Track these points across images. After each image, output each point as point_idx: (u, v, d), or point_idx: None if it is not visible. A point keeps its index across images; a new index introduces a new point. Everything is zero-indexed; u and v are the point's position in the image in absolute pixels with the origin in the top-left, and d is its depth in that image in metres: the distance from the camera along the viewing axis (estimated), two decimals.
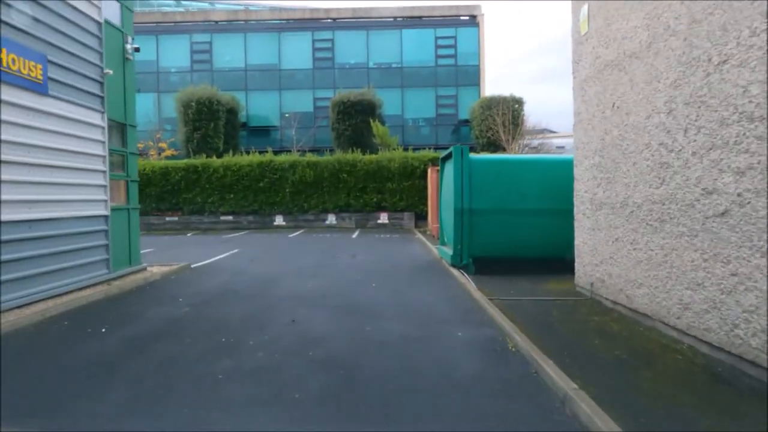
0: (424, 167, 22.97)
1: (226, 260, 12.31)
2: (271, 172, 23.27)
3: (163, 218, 23.76)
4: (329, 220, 23.65)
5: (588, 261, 7.93)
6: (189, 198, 23.45)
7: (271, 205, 23.44)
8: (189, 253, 13.92)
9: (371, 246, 15.96)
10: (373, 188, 23.16)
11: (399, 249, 15.23)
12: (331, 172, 23.19)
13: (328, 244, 16.53)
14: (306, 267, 11.10)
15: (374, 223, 23.55)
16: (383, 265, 11.47)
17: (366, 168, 23.06)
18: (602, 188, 7.40)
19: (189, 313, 6.96)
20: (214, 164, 23.39)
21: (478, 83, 33.27)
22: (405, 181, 23.06)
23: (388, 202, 23.23)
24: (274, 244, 16.57)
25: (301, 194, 23.35)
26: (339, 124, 26.94)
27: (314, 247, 15.79)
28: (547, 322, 6.39)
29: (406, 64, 33.52)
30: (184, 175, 23.35)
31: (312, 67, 33.57)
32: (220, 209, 23.53)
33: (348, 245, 16.20)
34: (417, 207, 23.23)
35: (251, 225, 23.71)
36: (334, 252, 14.10)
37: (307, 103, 33.02)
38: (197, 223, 23.76)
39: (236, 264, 11.53)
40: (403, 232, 21.87)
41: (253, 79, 33.50)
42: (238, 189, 23.35)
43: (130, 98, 9.21)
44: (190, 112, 26.20)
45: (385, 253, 13.84)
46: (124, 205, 9.00)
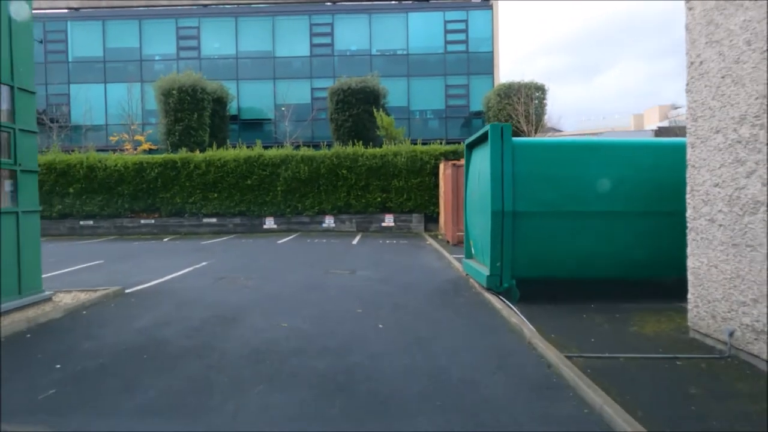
0: (435, 162, 20.03)
1: (183, 279, 9.38)
2: (260, 168, 20.36)
3: (138, 221, 20.87)
4: (327, 223, 20.73)
5: (722, 295, 4.97)
6: (167, 198, 20.55)
7: (261, 205, 20.52)
8: (144, 266, 11.01)
9: (375, 256, 13.02)
10: (376, 186, 20.22)
11: (409, 260, 12.29)
12: (328, 168, 20.26)
13: (322, 254, 13.60)
14: (287, 291, 8.16)
15: (378, 226, 20.61)
16: (391, 288, 8.53)
17: (369, 163, 20.12)
18: (761, 179, 4.44)
19: (50, 399, 4.03)
20: (196, 159, 20.49)
21: (492, 72, 30.30)
22: (413, 179, 20.12)
23: (394, 203, 20.29)
24: (256, 254, 13.64)
25: (295, 193, 20.43)
26: (338, 114, 23.98)
27: (305, 257, 12.85)
28: (697, 414, 3.46)
29: (413, 51, 30.56)
30: (161, 171, 20.45)
31: (309, 55, 30.64)
32: (203, 211, 20.62)
33: (347, 255, 13.27)
34: (427, 208, 20.28)
35: (238, 228, 20.79)
36: (328, 265, 11.17)
37: (304, 93, 30.10)
38: (176, 226, 20.86)
39: (194, 286, 8.60)
40: (411, 236, 18.92)
41: (244, 67, 30.61)
42: (223, 187, 20.45)
43: (19, 52, 6.29)
44: (171, 101, 23.30)
45: (393, 267, 10.90)
46: (10, 207, 6.09)
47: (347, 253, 13.79)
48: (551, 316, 6.57)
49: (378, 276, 9.66)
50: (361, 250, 14.23)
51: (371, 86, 23.89)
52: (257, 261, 12.13)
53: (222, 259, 12.23)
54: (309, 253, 13.83)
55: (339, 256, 13.06)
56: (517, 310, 6.78)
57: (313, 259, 12.49)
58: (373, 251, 14.09)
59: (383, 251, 14.15)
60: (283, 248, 15.08)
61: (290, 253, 13.93)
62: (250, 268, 10.87)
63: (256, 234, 20.14)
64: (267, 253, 13.70)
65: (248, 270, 10.51)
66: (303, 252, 14.06)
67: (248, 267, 11.01)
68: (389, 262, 11.89)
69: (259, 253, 13.69)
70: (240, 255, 13.32)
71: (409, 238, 18.40)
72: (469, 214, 9.47)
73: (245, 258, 12.69)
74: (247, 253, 13.87)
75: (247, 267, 11.01)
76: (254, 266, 11.09)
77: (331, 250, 14.31)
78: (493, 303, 7.28)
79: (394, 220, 20.62)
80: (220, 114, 26.17)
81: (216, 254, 13.35)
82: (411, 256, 13.23)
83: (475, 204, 8.88)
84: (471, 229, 9.38)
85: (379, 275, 9.74)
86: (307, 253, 13.65)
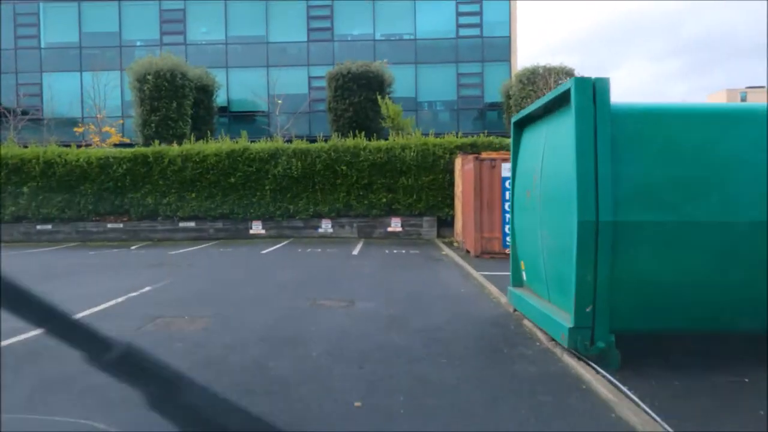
0: (450, 157, 17.06)
1: (103, 318, 6.42)
2: (245, 163, 17.42)
3: (104, 225, 17.97)
4: (323, 228, 17.78)
5: None
6: (137, 198, 17.63)
7: (246, 207, 17.59)
8: (68, 292, 8.04)
9: (381, 273, 10.07)
10: (381, 185, 17.26)
11: (426, 281, 9.32)
12: (325, 164, 17.31)
13: (313, 270, 10.65)
14: (243, 351, 5.16)
15: (383, 231, 17.65)
16: (408, 339, 5.53)
17: (372, 158, 17.17)
18: None
19: None
20: (171, 153, 17.57)
21: (509, 59, 27.32)
22: (424, 176, 17.14)
23: (402, 204, 17.32)
24: (229, 271, 10.71)
25: (286, 193, 17.48)
26: (337, 102, 21.01)
27: (290, 276, 9.90)
28: None
29: (421, 36, 27.56)
30: (130, 167, 17.53)
31: (306, 40, 27.71)
32: (179, 213, 17.70)
33: (344, 272, 10.32)
34: (440, 210, 17.32)
35: (219, 234, 17.87)
36: (318, 290, 8.22)
37: (301, 83, 27.17)
38: (149, 231, 17.95)
39: (104, 336, 5.63)
40: (422, 244, 15.96)
41: (234, 54, 27.71)
42: (203, 186, 17.52)
43: None
44: (146, 88, 20.39)
45: (406, 295, 7.92)
46: None
47: (345, 268, 10.84)
48: (695, 408, 3.61)
49: (387, 312, 6.68)
50: (364, 265, 11.26)
51: (375, 71, 20.95)
52: (225, 284, 9.17)
53: (180, 281, 9.27)
54: (297, 268, 10.87)
55: (334, 274, 10.10)
56: (634, 397, 3.82)
57: (301, 278, 9.53)
58: (378, 266, 11.13)
59: (391, 266, 11.19)
60: (266, 262, 12.12)
61: (273, 269, 10.97)
62: (209, 297, 7.89)
63: (241, 241, 17.20)
64: (243, 270, 10.76)
65: (204, 301, 7.53)
66: (289, 267, 11.10)
67: (207, 295, 8.02)
68: (400, 284, 8.90)
69: (233, 270, 10.74)
70: (207, 273, 10.38)
71: (420, 246, 15.44)
72: (521, 224, 6.49)
73: (212, 278, 9.74)
74: (218, 269, 10.93)
75: (205, 295, 8.03)
76: (215, 294, 8.11)
77: (326, 265, 11.36)
78: (582, 376, 4.32)
79: (401, 224, 17.67)
80: (205, 104, 23.26)
81: (177, 271, 10.40)
82: (427, 273, 10.26)
83: (532, 209, 5.91)
84: (524, 244, 6.40)
85: (389, 311, 6.75)
86: (294, 270, 10.70)
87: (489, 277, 9.38)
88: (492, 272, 10.25)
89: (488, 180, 13.18)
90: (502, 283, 8.74)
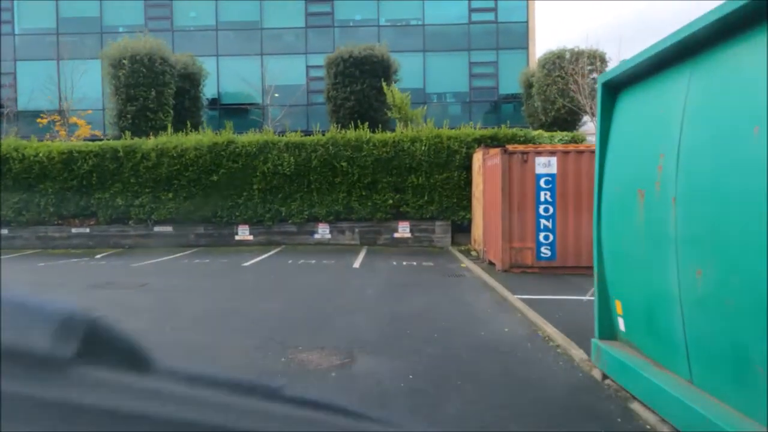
0: (467, 152, 14.68)
1: None
2: (230, 159, 15.06)
3: (69, 230, 15.63)
4: (320, 233, 15.40)
5: None
6: (105, 199, 15.29)
7: (231, 209, 15.22)
8: None
9: (390, 300, 7.66)
10: (387, 184, 14.88)
11: (453, 314, 6.92)
12: (322, 160, 14.93)
13: (299, 294, 8.27)
14: None
15: (389, 237, 15.26)
16: None
17: (377, 153, 14.79)
18: None
19: None
20: (144, 147, 15.21)
21: (527, 46, 24.90)
22: (437, 173, 14.75)
23: (411, 206, 14.93)
24: (188, 296, 8.32)
25: (277, 193, 15.11)
26: (337, 91, 18.58)
27: (266, 304, 7.50)
28: None
29: (430, 21, 25.15)
30: (98, 163, 15.19)
31: (304, 26, 25.33)
32: (154, 216, 15.34)
33: (341, 298, 7.92)
34: (455, 213, 14.93)
35: (201, 240, 15.51)
36: (301, 330, 5.84)
37: (298, 72, 24.81)
38: (119, 237, 15.60)
39: None
40: (435, 254, 13.58)
41: (226, 40, 25.37)
42: (181, 185, 15.16)
43: None
44: (121, 74, 18.01)
45: (429, 340, 5.50)
46: None
47: (343, 291, 8.44)
48: None
49: (405, 382, 4.26)
50: (366, 284, 8.86)
51: (380, 55, 18.52)
52: (171, 318, 6.76)
53: (109, 311, 6.89)
54: (280, 291, 8.47)
55: (328, 300, 7.69)
56: None
57: (281, 309, 7.15)
58: (384, 286, 8.73)
59: (401, 285, 8.79)
60: (243, 280, 9.72)
61: (248, 292, 8.57)
62: None
63: (224, 249, 14.84)
64: (208, 294, 8.36)
65: None
66: (270, 290, 8.71)
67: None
68: (417, 319, 6.49)
69: (195, 295, 8.35)
70: (157, 299, 7.98)
71: (434, 256, 13.05)
72: (619, 242, 4.07)
73: (158, 308, 7.33)
74: (175, 292, 8.54)
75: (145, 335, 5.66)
76: (145, 339, 5.71)
77: (318, 285, 8.97)
78: None
79: (410, 229, 15.28)
80: (190, 94, 20.87)
81: (118, 297, 8.02)
82: (450, 298, 7.85)
83: (650, 220, 3.50)
84: (624, 276, 3.99)
85: (408, 378, 4.34)
86: (276, 293, 8.30)
87: (533, 305, 7.02)
88: (532, 295, 7.89)
89: (519, 177, 10.80)
90: (553, 314, 6.37)
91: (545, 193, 10.78)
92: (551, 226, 10.74)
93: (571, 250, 10.67)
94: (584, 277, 9.95)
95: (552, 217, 10.74)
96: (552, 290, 8.45)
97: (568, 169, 10.71)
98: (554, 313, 6.76)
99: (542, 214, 10.76)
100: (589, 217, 10.81)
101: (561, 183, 10.69)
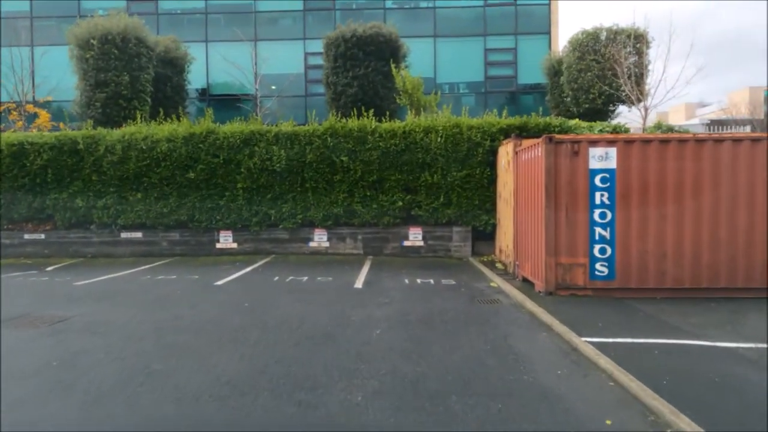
0: (492, 145, 12.28)
1: None
2: (210, 152, 12.69)
3: (21, 236, 13.28)
4: (316, 241, 13.01)
5: None
6: (63, 200, 12.95)
7: (211, 212, 12.85)
8: None
9: (408, 352, 5.27)
10: (396, 183, 12.48)
11: (505, 379, 4.51)
12: (319, 154, 12.54)
13: (276, 336, 5.88)
14: None
15: (398, 246, 12.86)
16: None
17: (384, 146, 12.39)
18: None
19: None
20: (109, 139, 12.85)
21: (549, 30, 22.46)
22: (455, 170, 12.35)
23: (424, 209, 12.53)
24: (114, 345, 5.94)
25: (266, 193, 12.73)
26: (337, 76, 16.12)
27: (222, 359, 5.11)
28: None
29: (441, 3, 22.74)
30: (54, 158, 12.85)
31: (302, 8, 22.96)
32: (120, 220, 12.97)
33: (336, 344, 5.53)
34: (477, 218, 12.51)
35: (176, 248, 13.14)
36: (265, 422, 3.44)
37: (296, 60, 22.44)
38: (81, 244, 13.25)
39: None
40: (454, 267, 11.18)
41: (216, 25, 23.04)
42: (151, 184, 12.80)
43: None
44: (89, 56, 15.65)
45: None
46: None
47: (339, 335, 6.03)
48: None
49: None
50: (372, 322, 6.45)
51: (387, 34, 16.08)
52: (55, 394, 4.37)
53: None
54: (248, 333, 6.07)
55: (313, 355, 5.27)
56: None
57: (236, 377, 4.75)
58: (398, 326, 6.31)
59: (422, 324, 6.38)
60: (204, 311, 7.32)
61: (203, 335, 6.16)
62: None
63: (201, 259, 12.48)
64: (142, 340, 5.96)
65: None
66: (235, 330, 6.30)
67: None
68: (459, 403, 4.08)
69: (123, 338, 5.96)
70: (65, 348, 5.59)
71: (454, 270, 10.65)
72: None
73: (47, 374, 4.94)
74: (98, 334, 6.15)
75: None
76: None
77: (305, 321, 6.56)
78: None
79: (423, 236, 12.87)
80: (173, 82, 18.51)
81: (18, 344, 5.64)
82: (493, 345, 5.44)
83: None
84: None
85: None
86: (240, 337, 5.90)
87: (622, 360, 4.62)
88: (609, 337, 5.53)
89: (567, 174, 8.41)
90: (660, 379, 3.96)
91: (602, 193, 8.36)
92: (609, 237, 8.33)
93: (635, 267, 8.28)
94: (654, 304, 7.50)
95: (610, 225, 8.34)
96: (628, 327, 6.03)
97: (631, 162, 8.30)
98: (660, 376, 4.37)
99: (597, 221, 8.35)
100: (661, 224, 8.43)
101: (622, 181, 8.30)
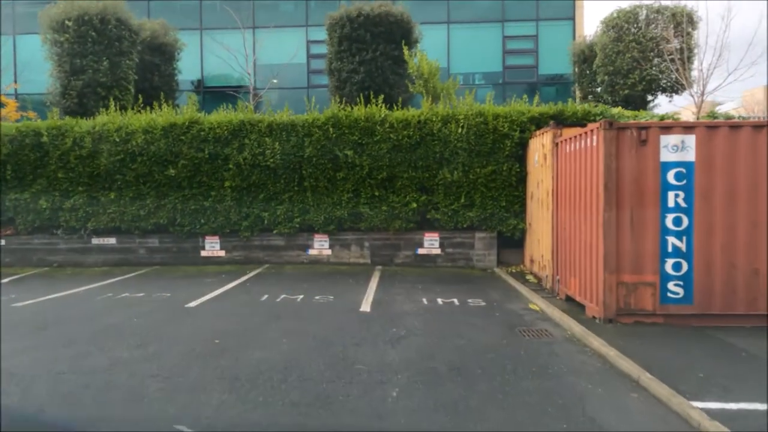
0: (522, 136, 10.45)
1: None
2: (192, 146, 10.94)
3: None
4: (316, 248, 11.23)
5: None
6: (25, 200, 11.24)
7: (195, 215, 11.09)
8: None
9: None
10: (409, 181, 10.67)
11: None
12: (320, 147, 10.76)
13: (232, 410, 4.05)
14: None
15: (411, 254, 11.04)
16: None
17: (396, 138, 10.59)
18: None
19: None
20: (77, 130, 11.14)
21: (573, 16, 20.59)
22: (479, 166, 10.52)
23: (443, 211, 10.71)
24: None
25: (258, 193, 10.97)
26: (341, 61, 14.29)
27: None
28: None
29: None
30: (13, 152, 11.15)
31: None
32: (91, 224, 11.24)
33: (332, 414, 3.68)
34: (503, 222, 10.68)
35: (155, 256, 11.39)
36: None
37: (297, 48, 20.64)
38: (46, 251, 11.54)
39: None
40: (479, 281, 9.36)
41: (211, 12, 21.35)
42: (126, 182, 11.07)
43: None
44: (65, 40, 13.96)
45: None
46: None
47: (343, 386, 4.23)
48: None
49: None
50: (385, 373, 4.65)
51: (398, 14, 14.25)
52: None
53: None
54: (209, 391, 4.28)
55: (301, 429, 3.46)
56: None
57: None
58: (421, 382, 4.50)
59: (453, 377, 4.57)
60: (159, 353, 5.54)
61: (134, 399, 4.38)
62: None
63: (184, 269, 10.74)
64: (52, 400, 4.18)
65: None
66: (186, 392, 4.52)
67: None
68: None
69: (28, 391, 4.18)
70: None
71: (480, 285, 8.82)
72: None
73: None
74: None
75: None
76: None
77: (292, 370, 4.76)
78: None
79: (440, 243, 11.05)
80: (161, 70, 16.80)
81: None
82: (568, 421, 3.60)
83: None
84: None
85: None
86: (197, 398, 4.11)
87: None
88: (724, 401, 3.66)
89: (632, 169, 6.63)
90: None
91: (676, 193, 6.53)
92: (685, 249, 6.50)
93: (719, 287, 6.45)
94: (748, 337, 5.65)
95: (687, 233, 6.50)
96: (740, 378, 4.19)
97: (715, 154, 6.47)
98: None
99: (671, 228, 6.51)
100: (753, 233, 6.58)
101: (703, 177, 6.47)
